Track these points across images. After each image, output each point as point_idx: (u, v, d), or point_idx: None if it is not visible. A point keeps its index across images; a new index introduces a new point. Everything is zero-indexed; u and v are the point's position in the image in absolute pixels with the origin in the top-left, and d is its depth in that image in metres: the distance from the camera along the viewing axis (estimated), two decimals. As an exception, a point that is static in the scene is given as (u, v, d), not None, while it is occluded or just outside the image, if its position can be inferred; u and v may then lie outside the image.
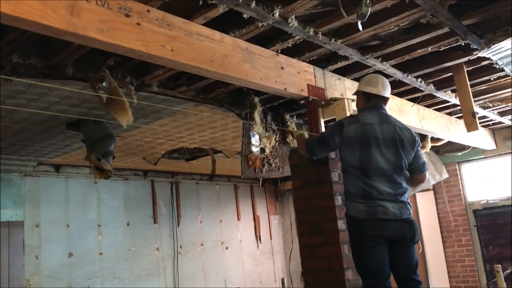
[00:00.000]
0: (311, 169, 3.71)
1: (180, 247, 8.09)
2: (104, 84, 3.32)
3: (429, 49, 3.89)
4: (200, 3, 2.72)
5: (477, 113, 5.26)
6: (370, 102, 3.38)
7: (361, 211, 3.10)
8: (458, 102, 4.95)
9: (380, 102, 3.38)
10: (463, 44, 3.82)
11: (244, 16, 2.94)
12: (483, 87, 5.21)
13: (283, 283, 5.91)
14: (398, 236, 3.10)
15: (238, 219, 9.32)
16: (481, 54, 3.93)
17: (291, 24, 3.11)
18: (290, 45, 3.56)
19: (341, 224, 3.51)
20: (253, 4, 2.80)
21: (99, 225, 7.04)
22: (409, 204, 3.22)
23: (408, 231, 3.13)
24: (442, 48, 3.93)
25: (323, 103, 3.95)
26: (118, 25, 2.48)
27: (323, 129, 3.92)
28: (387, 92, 3.42)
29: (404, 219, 3.13)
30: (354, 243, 3.18)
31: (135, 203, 7.62)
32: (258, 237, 9.60)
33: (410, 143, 3.29)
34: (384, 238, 3.07)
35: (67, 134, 4.98)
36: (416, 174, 3.39)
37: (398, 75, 4.40)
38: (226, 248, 8.93)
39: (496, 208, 7.56)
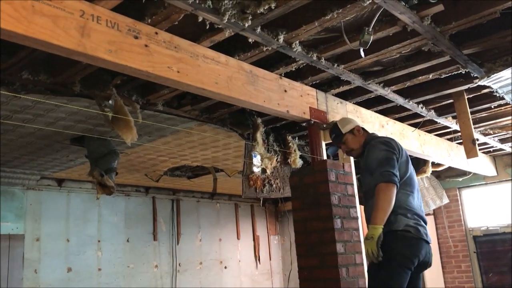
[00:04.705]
0: (310, 191, 3.74)
1: (179, 265, 8.06)
2: (110, 102, 3.38)
3: (430, 76, 3.96)
4: (207, 27, 2.79)
5: (477, 139, 5.30)
6: (367, 131, 3.52)
7: (410, 226, 2.96)
8: (458, 128, 4.99)
9: None
10: (463, 72, 3.88)
11: (250, 40, 3.01)
12: (484, 114, 5.26)
13: (281, 304, 5.88)
14: (424, 260, 3.00)
15: (238, 238, 9.29)
16: (481, 82, 3.99)
17: (295, 49, 3.18)
18: (293, 69, 3.64)
19: (340, 247, 3.51)
20: (259, 29, 2.88)
21: (99, 241, 7.05)
22: None
23: (431, 255, 3.09)
24: (443, 76, 3.99)
25: (324, 126, 4.00)
26: (127, 46, 2.55)
27: (324, 152, 3.97)
28: None
29: (429, 243, 3.07)
30: (393, 261, 2.89)
31: (136, 219, 7.63)
32: (257, 257, 9.54)
33: None
34: (416, 261, 2.93)
35: (71, 149, 5.04)
36: None
37: (400, 100, 4.46)
38: (225, 267, 8.88)
39: (496, 235, 7.54)
